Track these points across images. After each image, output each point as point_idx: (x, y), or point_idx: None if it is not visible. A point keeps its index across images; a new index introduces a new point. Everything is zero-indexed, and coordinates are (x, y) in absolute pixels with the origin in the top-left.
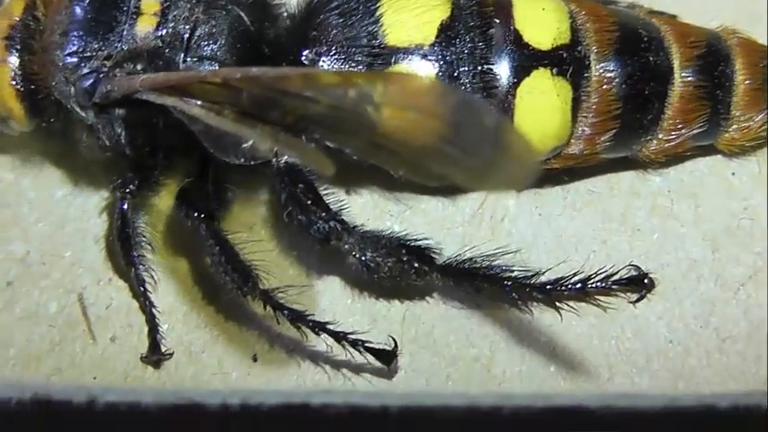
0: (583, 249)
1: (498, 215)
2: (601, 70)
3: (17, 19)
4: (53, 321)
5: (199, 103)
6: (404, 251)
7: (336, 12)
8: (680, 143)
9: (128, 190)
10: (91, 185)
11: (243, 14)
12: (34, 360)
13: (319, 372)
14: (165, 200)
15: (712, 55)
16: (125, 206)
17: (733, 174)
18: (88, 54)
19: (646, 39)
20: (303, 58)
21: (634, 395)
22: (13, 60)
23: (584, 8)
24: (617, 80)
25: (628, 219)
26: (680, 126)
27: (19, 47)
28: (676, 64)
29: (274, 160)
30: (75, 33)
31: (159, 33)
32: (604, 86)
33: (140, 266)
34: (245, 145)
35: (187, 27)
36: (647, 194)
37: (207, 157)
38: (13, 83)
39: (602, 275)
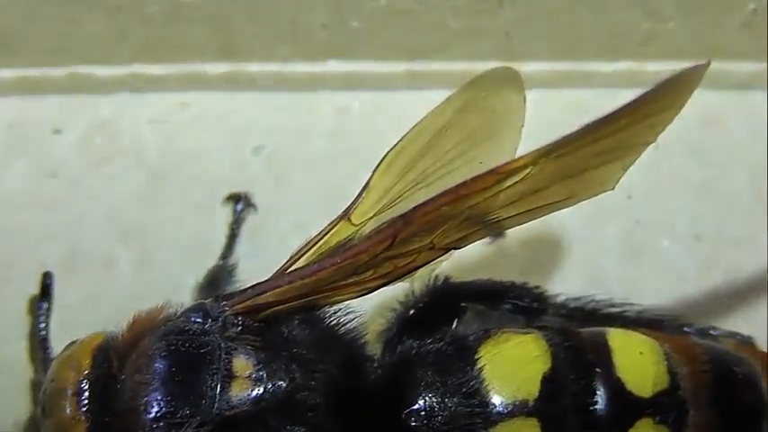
0: None
1: None
2: (697, 416)
3: (86, 372)
4: None
5: None
6: None
7: (433, 367)
8: None
9: None
10: None
11: (337, 373)
12: None
13: None
14: None
15: None
16: None
17: None
18: (178, 420)
19: (740, 377)
20: (402, 416)
21: None
22: (89, 420)
23: (677, 347)
24: (712, 427)
25: None
26: None
27: (95, 406)
28: None
29: None
30: (161, 396)
31: (255, 397)
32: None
33: None
34: None
35: (285, 390)
36: None
37: None
38: None
39: None
